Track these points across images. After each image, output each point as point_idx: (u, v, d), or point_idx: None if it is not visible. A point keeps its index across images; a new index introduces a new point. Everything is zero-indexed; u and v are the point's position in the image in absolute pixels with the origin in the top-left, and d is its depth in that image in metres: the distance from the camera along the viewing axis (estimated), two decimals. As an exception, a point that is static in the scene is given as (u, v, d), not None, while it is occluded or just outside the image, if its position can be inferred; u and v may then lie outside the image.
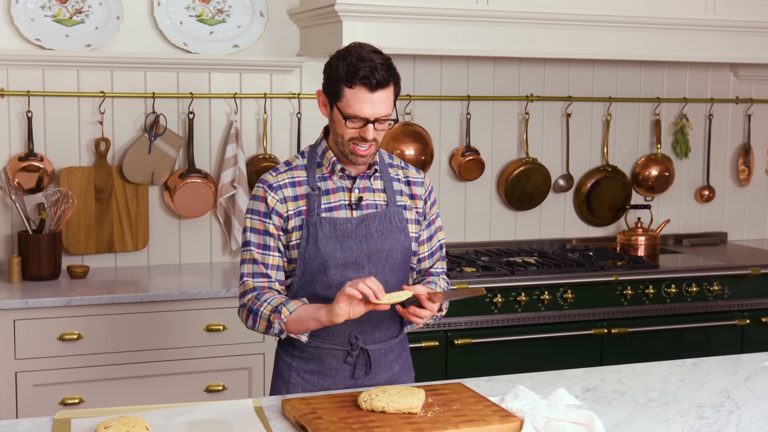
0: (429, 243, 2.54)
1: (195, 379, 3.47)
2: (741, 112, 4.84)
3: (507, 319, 3.79)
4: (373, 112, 2.28)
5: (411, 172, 2.52)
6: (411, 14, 3.65)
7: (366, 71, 2.26)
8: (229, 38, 3.94)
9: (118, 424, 1.98)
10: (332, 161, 2.39)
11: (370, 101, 2.28)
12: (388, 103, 2.31)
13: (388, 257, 2.41)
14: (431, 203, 2.53)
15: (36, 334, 3.29)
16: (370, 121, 2.29)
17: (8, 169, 3.67)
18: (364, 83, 2.26)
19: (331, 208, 2.38)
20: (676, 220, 4.77)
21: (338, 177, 2.41)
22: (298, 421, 2.09)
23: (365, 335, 2.42)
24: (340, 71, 2.29)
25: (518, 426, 2.06)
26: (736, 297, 4.13)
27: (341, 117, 2.30)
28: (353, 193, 2.41)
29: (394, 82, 2.32)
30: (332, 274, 2.36)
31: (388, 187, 2.45)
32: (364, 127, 2.30)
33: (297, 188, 2.39)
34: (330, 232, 2.36)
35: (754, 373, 2.57)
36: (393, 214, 2.43)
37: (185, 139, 3.93)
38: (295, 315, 2.28)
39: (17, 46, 3.69)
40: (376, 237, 2.39)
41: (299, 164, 2.43)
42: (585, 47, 3.96)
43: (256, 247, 2.38)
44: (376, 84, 2.27)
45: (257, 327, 2.34)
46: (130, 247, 3.87)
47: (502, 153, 4.43)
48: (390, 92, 2.31)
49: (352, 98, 2.28)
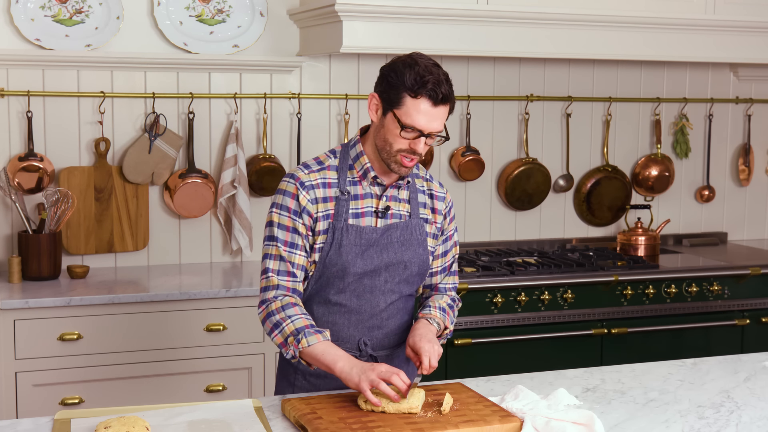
0: (443, 258, 2.51)
1: (195, 379, 3.47)
2: (741, 112, 4.84)
3: (507, 319, 3.79)
4: (430, 126, 2.24)
5: (435, 186, 2.48)
6: (411, 14, 3.65)
7: (434, 83, 2.22)
8: (229, 38, 3.94)
9: (118, 424, 1.98)
10: (365, 167, 2.35)
11: (431, 115, 2.23)
12: (443, 120, 2.27)
13: (405, 268, 2.39)
14: (450, 219, 2.50)
15: (36, 334, 3.29)
16: (424, 135, 2.25)
17: (8, 169, 3.67)
18: (429, 95, 2.22)
19: (358, 214, 2.34)
20: (676, 220, 4.77)
21: (368, 183, 2.36)
22: (298, 421, 2.09)
23: (374, 342, 2.41)
24: (405, 79, 2.22)
25: (518, 426, 2.06)
26: (736, 297, 4.12)
27: (397, 125, 2.24)
28: (381, 201, 2.37)
29: (452, 101, 2.28)
30: (349, 281, 2.35)
31: (413, 198, 2.42)
32: (417, 140, 2.25)
33: (327, 190, 2.33)
34: (355, 240, 2.33)
35: (754, 373, 2.57)
36: (415, 226, 2.40)
37: (185, 139, 3.93)
38: (311, 350, 2.22)
39: (17, 46, 3.69)
40: (396, 247, 2.37)
41: (331, 164, 2.37)
42: (585, 47, 3.96)
43: (283, 244, 2.32)
44: (440, 99, 2.23)
45: (272, 338, 2.29)
46: (130, 247, 3.87)
47: (502, 153, 4.43)
48: (447, 109, 2.27)
49: (413, 109, 2.23)
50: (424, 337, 2.28)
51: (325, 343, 2.23)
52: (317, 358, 2.21)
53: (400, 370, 2.14)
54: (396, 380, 2.11)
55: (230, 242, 4.00)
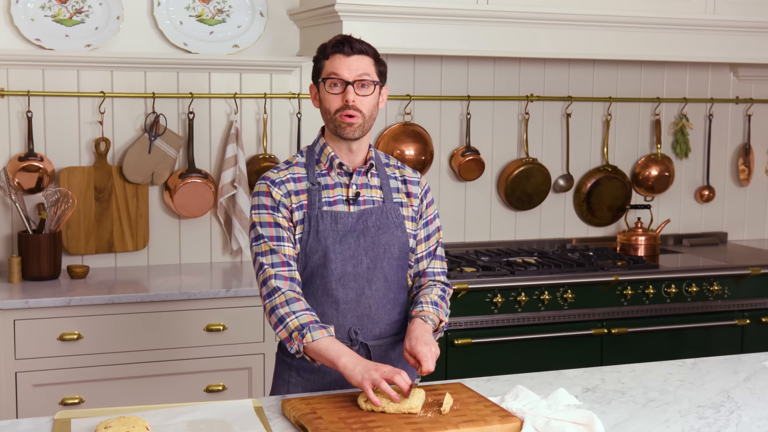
0: (426, 242, 2.54)
1: (195, 379, 3.47)
2: (741, 112, 4.84)
3: (507, 319, 3.79)
4: (350, 73, 2.34)
5: (407, 172, 2.55)
6: (411, 14, 3.65)
7: (339, 38, 2.38)
8: (229, 38, 3.94)
9: (118, 424, 1.98)
10: (330, 156, 2.42)
11: (347, 63, 2.35)
12: (367, 68, 2.37)
13: (386, 252, 2.42)
14: (428, 203, 2.54)
15: (36, 334, 3.29)
16: (350, 83, 2.34)
17: (8, 169, 3.67)
18: (337, 50, 2.37)
19: (330, 202, 2.41)
20: (676, 220, 4.77)
21: (336, 173, 2.43)
22: (298, 421, 2.09)
23: (365, 331, 2.42)
24: (318, 50, 2.41)
25: (518, 426, 2.06)
26: (736, 297, 4.12)
27: (323, 85, 2.37)
28: (351, 189, 2.43)
29: (374, 56, 2.40)
30: (332, 268, 2.38)
31: (384, 184, 2.48)
32: (345, 90, 2.34)
33: (298, 183, 2.41)
34: (331, 226, 2.38)
35: (754, 373, 2.57)
36: (390, 210, 2.45)
37: (185, 139, 3.93)
38: (315, 345, 2.25)
39: (17, 46, 3.69)
40: (373, 232, 2.41)
41: (299, 161, 2.46)
42: (585, 47, 3.96)
43: (270, 239, 2.36)
44: (351, 50, 2.35)
45: (277, 333, 2.32)
46: (130, 247, 3.87)
47: (502, 153, 4.43)
48: (369, 62, 2.38)
49: (329, 65, 2.37)
50: (421, 340, 2.29)
51: (329, 339, 2.25)
52: (321, 353, 2.24)
53: (402, 371, 2.15)
54: (398, 380, 2.12)
55: (230, 242, 4.00)
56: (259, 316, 3.51)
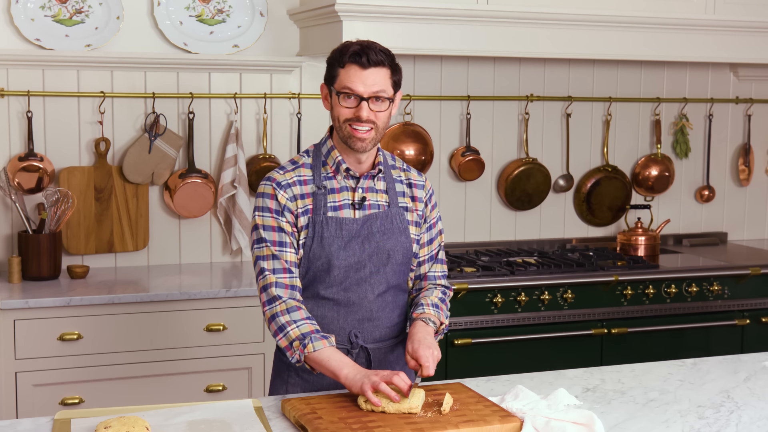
0: (429, 246, 2.53)
1: (195, 379, 3.47)
2: (741, 112, 4.84)
3: (507, 319, 3.79)
4: (365, 88, 2.28)
5: (413, 175, 2.52)
6: (411, 14, 3.65)
7: (357, 49, 2.29)
8: (229, 38, 3.94)
9: (118, 424, 1.98)
10: (337, 160, 2.38)
11: (362, 77, 2.28)
12: (383, 83, 2.30)
13: (389, 257, 2.40)
14: (432, 206, 2.52)
15: (36, 334, 3.29)
16: (364, 98, 2.28)
17: (8, 169, 3.67)
18: (354, 60, 2.29)
19: (336, 207, 2.37)
20: (676, 220, 4.77)
21: (342, 176, 2.40)
22: (298, 421, 2.09)
23: (365, 334, 2.42)
24: (334, 54, 2.33)
25: (518, 426, 2.06)
26: (736, 297, 4.12)
27: (336, 96, 2.31)
28: (357, 193, 2.40)
29: (391, 66, 2.32)
30: (335, 275, 2.36)
31: (390, 188, 2.45)
32: (359, 106, 2.29)
33: (304, 186, 2.37)
34: (336, 232, 2.35)
35: (754, 373, 2.57)
36: (395, 215, 2.43)
37: (185, 139, 3.93)
38: (316, 355, 2.24)
39: (17, 46, 3.69)
40: (378, 237, 2.39)
41: (305, 162, 2.42)
42: (585, 47, 3.96)
43: (272, 243, 2.34)
44: (367, 62, 2.28)
45: (277, 341, 2.30)
46: (130, 247, 3.87)
47: (502, 153, 4.43)
48: (385, 74, 2.31)
49: (345, 76, 2.30)
50: (423, 343, 2.29)
51: (330, 349, 2.24)
52: (323, 363, 2.23)
53: (401, 372, 2.15)
54: (397, 380, 2.12)
55: (230, 242, 4.00)
56: (259, 316, 3.51)
